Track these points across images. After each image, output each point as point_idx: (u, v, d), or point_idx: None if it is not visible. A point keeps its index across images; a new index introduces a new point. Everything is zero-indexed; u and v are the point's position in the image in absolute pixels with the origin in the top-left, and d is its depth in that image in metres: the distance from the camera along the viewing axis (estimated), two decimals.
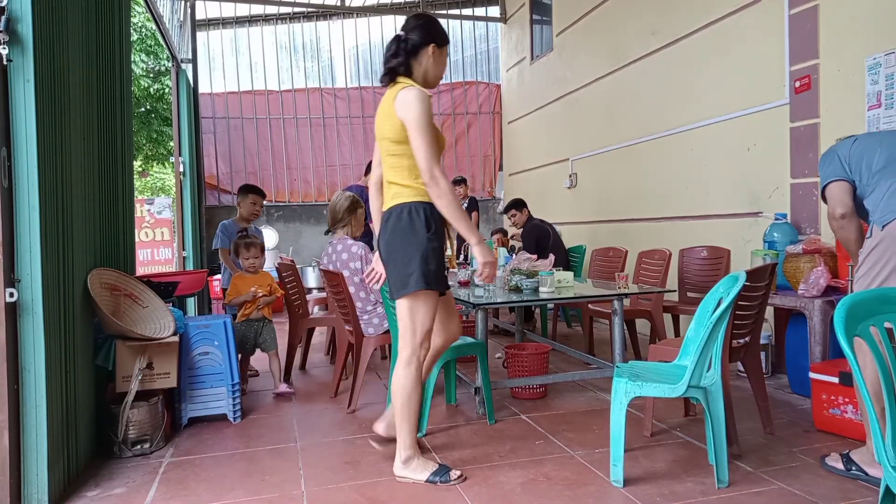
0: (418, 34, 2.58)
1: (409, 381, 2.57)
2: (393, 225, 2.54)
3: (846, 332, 1.67)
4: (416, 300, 2.53)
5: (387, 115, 2.51)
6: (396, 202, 2.55)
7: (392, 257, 2.55)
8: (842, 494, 2.39)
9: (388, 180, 2.60)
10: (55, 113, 2.56)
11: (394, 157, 2.54)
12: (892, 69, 3.52)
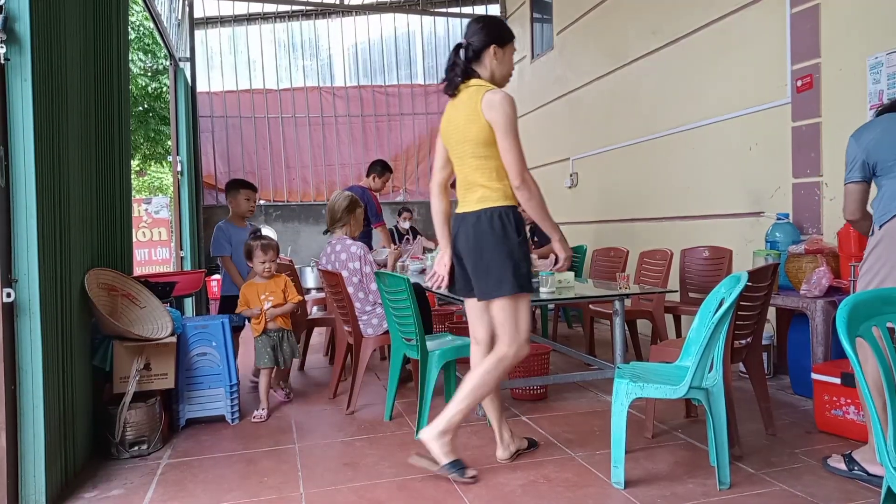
0: (478, 38, 2.61)
1: (497, 375, 2.63)
2: (485, 229, 2.55)
3: (848, 332, 1.66)
4: (517, 301, 2.58)
5: (471, 117, 2.52)
6: (486, 206, 2.57)
7: (483, 260, 2.56)
8: (844, 496, 2.38)
9: (473, 182, 2.60)
10: (53, 112, 2.54)
11: (480, 160, 2.56)
12: (893, 68, 3.51)
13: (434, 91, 9.38)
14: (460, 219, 2.67)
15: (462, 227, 2.64)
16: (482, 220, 2.55)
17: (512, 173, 2.50)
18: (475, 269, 2.60)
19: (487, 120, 2.48)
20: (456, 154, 2.67)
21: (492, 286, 2.54)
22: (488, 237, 2.54)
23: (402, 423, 3.40)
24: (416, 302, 3.18)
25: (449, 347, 3.31)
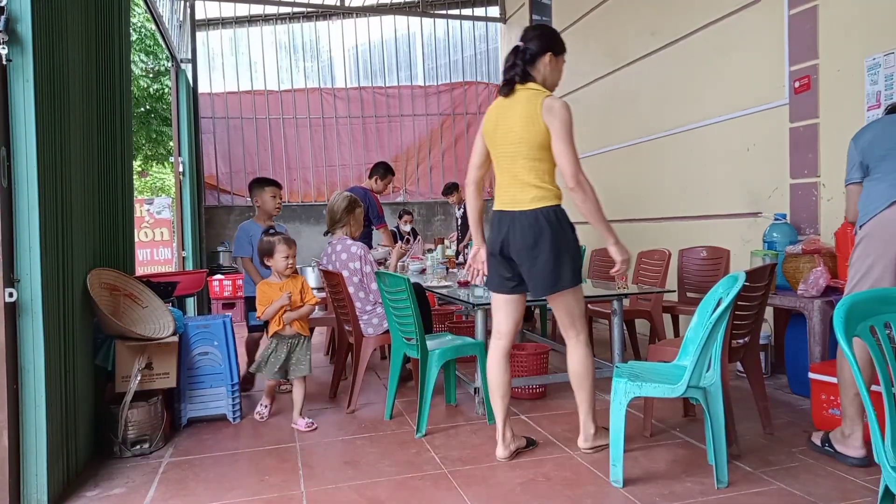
0: (535, 43, 2.73)
1: (591, 360, 2.85)
2: (544, 226, 2.65)
3: (845, 332, 1.68)
4: (575, 293, 2.78)
5: (531, 120, 2.62)
6: (543, 204, 2.67)
7: (542, 258, 2.66)
8: (841, 495, 2.39)
9: (526, 182, 2.69)
10: (55, 113, 2.56)
11: (534, 161, 2.66)
12: (891, 69, 3.53)
13: (434, 92, 9.39)
14: (509, 217, 2.74)
15: (514, 226, 2.71)
16: (540, 219, 2.66)
17: (567, 175, 2.61)
18: (533, 266, 2.69)
19: (546, 124, 2.60)
20: (506, 153, 2.73)
21: (554, 281, 2.67)
22: (548, 235, 2.65)
23: (403, 422, 3.42)
24: (416, 301, 3.20)
25: (449, 347, 3.33)
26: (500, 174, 2.80)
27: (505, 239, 2.74)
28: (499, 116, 2.74)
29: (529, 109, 2.62)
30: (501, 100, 2.77)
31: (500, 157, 2.77)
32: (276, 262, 3.42)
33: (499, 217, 2.80)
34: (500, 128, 2.74)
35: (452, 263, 5.23)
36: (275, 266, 3.44)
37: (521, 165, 2.68)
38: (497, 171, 2.82)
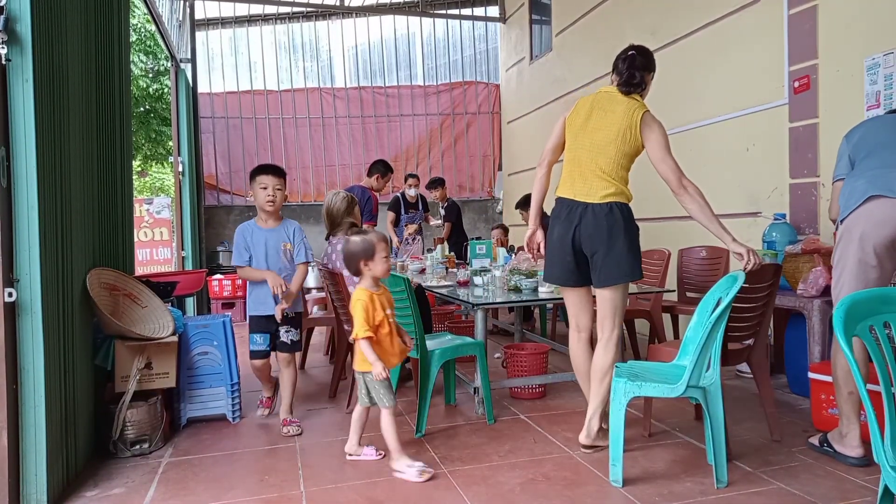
0: (650, 61, 3.10)
1: (618, 357, 2.89)
2: (618, 219, 2.82)
3: (845, 331, 1.68)
4: (626, 289, 2.91)
5: (627, 128, 2.81)
6: (621, 200, 2.87)
7: (615, 248, 2.80)
8: (840, 494, 2.40)
9: (610, 176, 2.84)
10: (54, 112, 2.56)
11: (621, 161, 2.86)
12: (890, 69, 3.53)
13: (433, 92, 9.40)
14: (582, 207, 2.85)
15: (587, 216, 2.83)
16: (615, 211, 2.82)
17: (673, 183, 2.87)
18: (605, 256, 2.81)
19: (642, 137, 2.83)
20: (592, 145, 2.87)
21: (625, 271, 2.80)
22: (622, 226, 2.81)
23: (402, 422, 3.42)
24: (416, 301, 3.20)
25: (448, 347, 3.33)
26: (574, 165, 2.92)
27: (577, 228, 2.84)
28: (593, 111, 2.90)
29: (629, 119, 2.82)
30: (599, 96, 2.95)
31: (582, 148, 2.89)
32: (376, 265, 2.79)
33: (568, 207, 2.89)
34: (591, 122, 2.89)
35: (452, 263, 5.23)
36: (375, 271, 2.81)
37: (607, 162, 2.84)
38: (572, 161, 2.94)
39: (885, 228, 2.49)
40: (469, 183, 9.54)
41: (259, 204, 3.33)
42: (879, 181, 2.52)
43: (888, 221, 2.48)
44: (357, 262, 2.81)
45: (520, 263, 4.00)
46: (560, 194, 2.96)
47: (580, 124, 2.91)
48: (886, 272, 2.57)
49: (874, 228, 2.51)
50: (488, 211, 9.58)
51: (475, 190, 9.59)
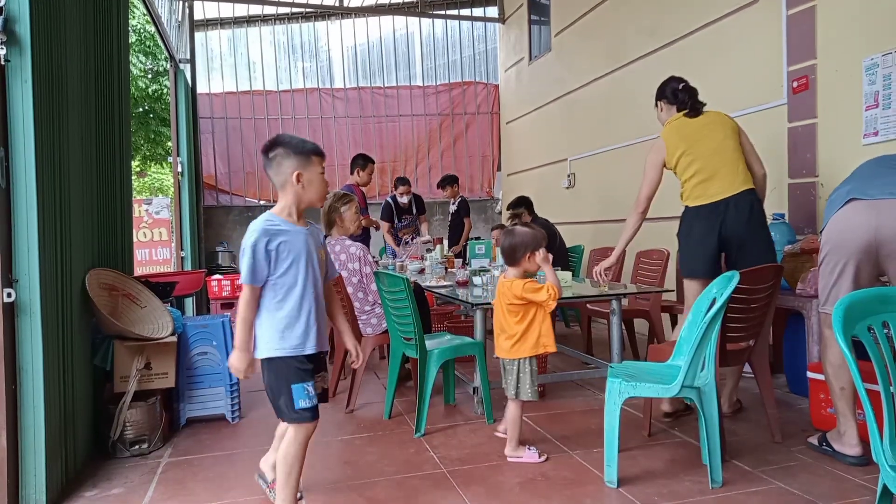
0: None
1: None
2: (755, 203, 3.20)
3: (844, 331, 1.68)
4: None
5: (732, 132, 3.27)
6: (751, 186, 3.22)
7: (761, 229, 3.21)
8: (839, 494, 2.40)
9: (739, 163, 3.22)
10: (53, 113, 2.56)
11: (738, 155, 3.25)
12: (889, 69, 3.53)
13: (433, 92, 9.40)
14: (724, 202, 3.15)
15: (732, 206, 3.14)
16: (754, 197, 3.19)
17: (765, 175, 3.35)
18: (754, 236, 3.16)
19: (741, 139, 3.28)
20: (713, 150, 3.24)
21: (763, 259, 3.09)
22: (759, 210, 3.20)
23: (402, 422, 3.42)
24: (415, 301, 3.20)
25: (448, 346, 3.33)
26: (704, 171, 3.23)
27: (723, 220, 3.15)
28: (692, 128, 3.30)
29: (728, 125, 3.28)
30: (687, 119, 3.34)
31: (705, 154, 3.24)
32: (534, 261, 2.82)
33: (708, 209, 3.20)
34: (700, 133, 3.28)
35: (451, 263, 5.23)
36: (531, 265, 2.83)
37: (731, 155, 3.22)
38: (698, 170, 3.24)
39: (859, 231, 2.54)
40: (468, 183, 9.53)
41: (315, 195, 2.31)
42: (860, 187, 2.61)
43: (861, 224, 2.53)
44: (522, 251, 2.80)
45: None
46: (698, 203, 3.26)
47: (691, 140, 3.27)
48: (866, 275, 2.60)
49: (849, 232, 2.57)
50: (487, 211, 9.58)
51: (474, 190, 9.59)
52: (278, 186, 2.27)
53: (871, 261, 2.57)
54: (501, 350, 2.87)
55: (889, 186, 2.49)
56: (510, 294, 2.77)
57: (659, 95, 3.55)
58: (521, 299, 2.76)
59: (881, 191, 2.50)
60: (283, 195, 2.26)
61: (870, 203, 2.52)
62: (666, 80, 3.56)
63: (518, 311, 2.80)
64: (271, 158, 2.23)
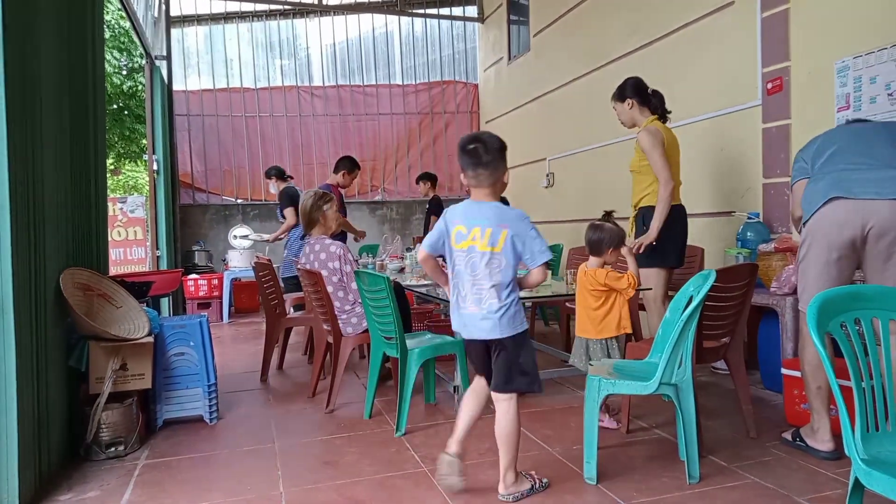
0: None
1: None
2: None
3: (818, 328, 1.71)
4: None
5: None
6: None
7: None
8: (813, 487, 2.45)
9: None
10: (25, 110, 2.51)
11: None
12: (860, 72, 3.61)
13: (412, 91, 9.39)
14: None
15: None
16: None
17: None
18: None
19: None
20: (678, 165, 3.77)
21: None
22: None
23: (382, 421, 3.41)
24: (396, 300, 3.20)
25: (428, 346, 3.33)
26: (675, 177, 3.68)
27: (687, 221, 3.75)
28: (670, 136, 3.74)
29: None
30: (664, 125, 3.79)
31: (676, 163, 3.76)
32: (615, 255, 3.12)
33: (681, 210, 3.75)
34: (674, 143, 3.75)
35: None
36: (611, 259, 3.10)
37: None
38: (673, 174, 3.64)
39: (845, 229, 2.55)
40: (448, 182, 9.54)
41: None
42: (840, 183, 2.58)
43: (848, 222, 2.54)
44: (607, 245, 3.06)
45: None
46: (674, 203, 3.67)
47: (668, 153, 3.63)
48: (848, 271, 2.64)
49: (835, 230, 2.58)
50: None
51: (454, 189, 9.60)
52: (488, 184, 2.45)
53: (854, 259, 2.62)
54: (586, 332, 3.15)
55: (874, 185, 2.50)
56: (594, 282, 3.05)
57: (631, 93, 3.77)
58: (605, 286, 3.04)
59: (866, 190, 2.51)
60: (490, 192, 2.47)
61: (857, 203, 2.52)
62: (632, 80, 3.84)
63: (601, 297, 3.09)
64: (491, 160, 2.45)
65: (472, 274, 2.35)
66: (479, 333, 2.38)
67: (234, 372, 4.68)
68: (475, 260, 2.34)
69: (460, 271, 2.40)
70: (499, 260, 2.33)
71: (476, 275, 2.35)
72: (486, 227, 2.34)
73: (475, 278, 2.35)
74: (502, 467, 2.43)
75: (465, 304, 2.40)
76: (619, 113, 3.88)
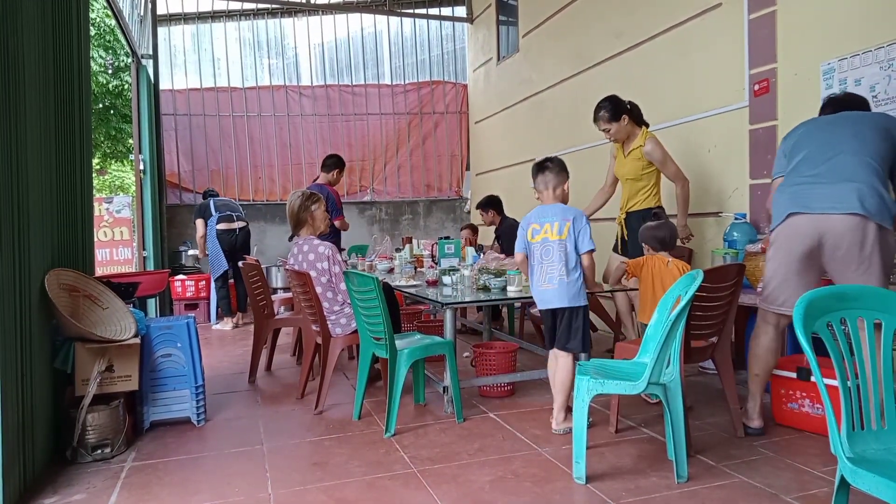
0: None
1: None
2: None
3: (804, 328, 1.73)
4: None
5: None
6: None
7: None
8: (799, 486, 2.47)
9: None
10: (9, 109, 2.48)
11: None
12: (845, 74, 3.65)
13: (401, 91, 9.38)
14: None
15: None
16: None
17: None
18: None
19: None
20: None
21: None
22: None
23: (371, 422, 3.41)
24: (385, 301, 3.19)
25: (418, 346, 3.33)
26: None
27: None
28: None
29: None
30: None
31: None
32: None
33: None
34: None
35: (420, 262, 5.23)
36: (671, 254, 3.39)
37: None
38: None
39: (805, 241, 2.78)
40: (437, 182, 9.55)
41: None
42: (798, 198, 2.80)
43: (807, 235, 2.77)
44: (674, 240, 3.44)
45: (488, 263, 4.02)
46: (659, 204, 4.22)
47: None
48: (810, 276, 2.84)
49: (796, 241, 2.80)
50: (456, 210, 9.60)
51: (443, 189, 9.60)
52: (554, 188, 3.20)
53: (816, 266, 2.84)
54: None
55: (829, 200, 2.71)
56: (676, 272, 3.20)
57: (623, 110, 4.12)
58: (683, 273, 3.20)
59: (822, 205, 2.72)
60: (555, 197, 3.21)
61: (813, 217, 2.75)
62: (614, 98, 4.15)
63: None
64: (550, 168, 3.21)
65: (547, 259, 3.09)
66: (552, 303, 3.10)
67: (222, 373, 4.65)
68: (549, 248, 3.09)
69: (537, 259, 3.14)
70: (565, 246, 3.06)
71: (550, 259, 3.08)
72: (556, 222, 3.09)
73: (549, 262, 3.08)
74: (556, 407, 3.13)
75: (542, 283, 3.12)
76: (615, 132, 4.16)
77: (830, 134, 2.84)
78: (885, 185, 2.68)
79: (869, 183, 2.65)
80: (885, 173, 2.70)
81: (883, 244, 2.66)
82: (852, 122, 2.83)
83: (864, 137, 2.74)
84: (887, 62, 3.42)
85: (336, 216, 5.45)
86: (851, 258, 2.68)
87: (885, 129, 2.75)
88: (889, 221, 2.66)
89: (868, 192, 2.64)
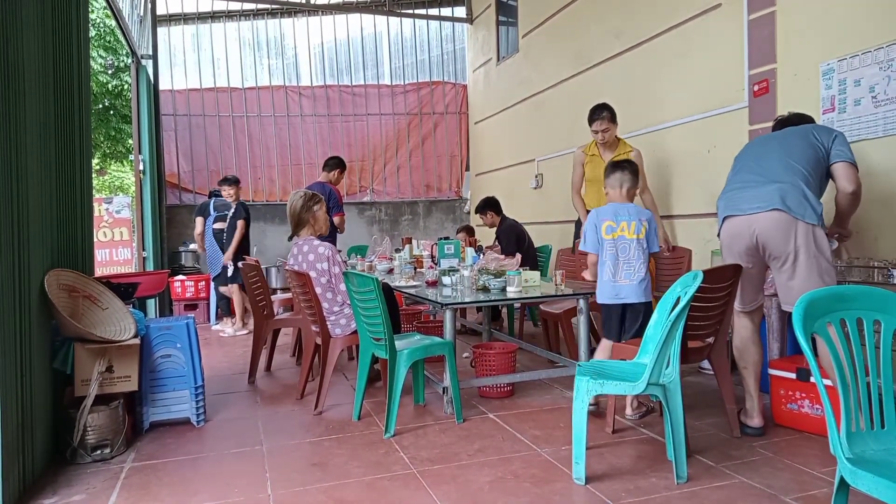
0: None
1: None
2: None
3: (804, 329, 1.73)
4: None
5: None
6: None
7: None
8: (799, 486, 2.47)
9: None
10: (9, 109, 2.48)
11: None
12: (844, 74, 3.65)
13: (400, 91, 9.38)
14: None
15: None
16: None
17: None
18: None
19: None
20: None
21: None
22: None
23: (371, 423, 3.41)
24: (385, 301, 3.19)
25: (417, 347, 3.33)
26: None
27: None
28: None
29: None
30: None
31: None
32: None
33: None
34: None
35: (420, 263, 5.23)
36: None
37: None
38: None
39: (741, 240, 2.98)
40: (437, 183, 9.55)
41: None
42: (732, 202, 3.02)
43: (741, 234, 2.98)
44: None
45: (488, 263, 4.02)
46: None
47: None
48: (754, 270, 3.04)
49: (735, 241, 3.02)
50: (456, 211, 9.60)
51: (443, 190, 9.61)
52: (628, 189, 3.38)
53: (758, 263, 3.02)
54: None
55: (757, 201, 2.91)
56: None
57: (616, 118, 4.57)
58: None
59: (751, 206, 2.92)
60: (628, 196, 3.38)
61: (744, 218, 2.95)
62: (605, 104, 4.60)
63: None
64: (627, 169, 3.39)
65: (624, 256, 3.25)
66: (628, 299, 3.25)
67: (221, 374, 4.65)
68: (626, 245, 3.25)
69: (611, 255, 3.26)
70: (641, 244, 3.25)
71: (627, 256, 3.24)
72: (632, 221, 3.26)
73: (626, 259, 3.24)
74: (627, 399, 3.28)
75: (618, 279, 3.26)
76: (610, 133, 4.61)
77: (762, 146, 3.14)
78: (809, 185, 2.85)
79: (792, 183, 2.85)
80: (812, 175, 2.88)
81: (810, 241, 2.80)
82: (783, 135, 3.10)
83: (790, 144, 2.99)
84: (887, 62, 3.42)
85: (336, 212, 5.45)
86: (779, 253, 2.87)
87: (810, 135, 2.98)
88: (814, 218, 2.80)
89: (790, 191, 2.83)
